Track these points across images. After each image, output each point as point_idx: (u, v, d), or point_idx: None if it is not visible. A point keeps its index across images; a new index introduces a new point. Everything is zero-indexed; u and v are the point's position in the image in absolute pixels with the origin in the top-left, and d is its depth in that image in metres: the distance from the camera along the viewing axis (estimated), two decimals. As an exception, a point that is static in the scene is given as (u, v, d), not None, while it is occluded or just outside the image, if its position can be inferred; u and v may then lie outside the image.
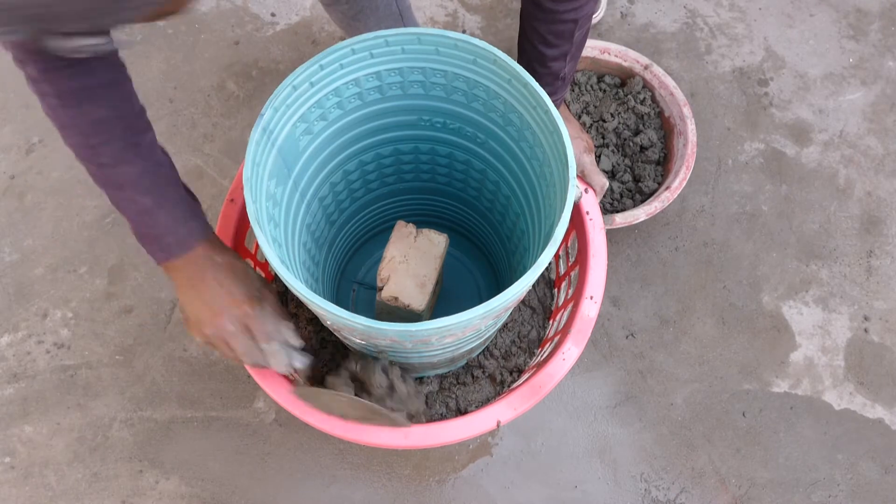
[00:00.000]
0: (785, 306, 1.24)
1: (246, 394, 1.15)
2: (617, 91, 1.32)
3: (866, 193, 1.33)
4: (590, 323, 0.81)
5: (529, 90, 0.70)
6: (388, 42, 0.72)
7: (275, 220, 0.73)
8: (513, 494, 1.10)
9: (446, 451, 1.12)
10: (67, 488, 1.09)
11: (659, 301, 1.23)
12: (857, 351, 1.21)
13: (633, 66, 1.29)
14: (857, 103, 1.42)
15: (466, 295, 1.12)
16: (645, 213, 1.14)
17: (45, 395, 1.15)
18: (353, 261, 1.13)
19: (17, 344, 1.18)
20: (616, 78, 1.33)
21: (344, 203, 0.96)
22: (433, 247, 0.88)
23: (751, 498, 1.11)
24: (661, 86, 1.27)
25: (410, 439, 0.74)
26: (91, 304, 1.20)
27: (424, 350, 0.75)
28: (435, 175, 0.98)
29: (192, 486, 1.09)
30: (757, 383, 1.18)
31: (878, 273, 1.27)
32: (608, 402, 1.16)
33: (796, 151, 1.37)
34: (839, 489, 1.12)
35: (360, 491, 1.09)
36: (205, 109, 1.37)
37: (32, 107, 1.36)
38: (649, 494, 1.11)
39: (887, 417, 1.17)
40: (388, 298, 0.84)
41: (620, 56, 1.29)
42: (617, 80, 1.33)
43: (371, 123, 0.84)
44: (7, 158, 1.32)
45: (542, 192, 0.77)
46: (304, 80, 0.70)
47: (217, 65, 1.41)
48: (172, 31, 1.45)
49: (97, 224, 1.27)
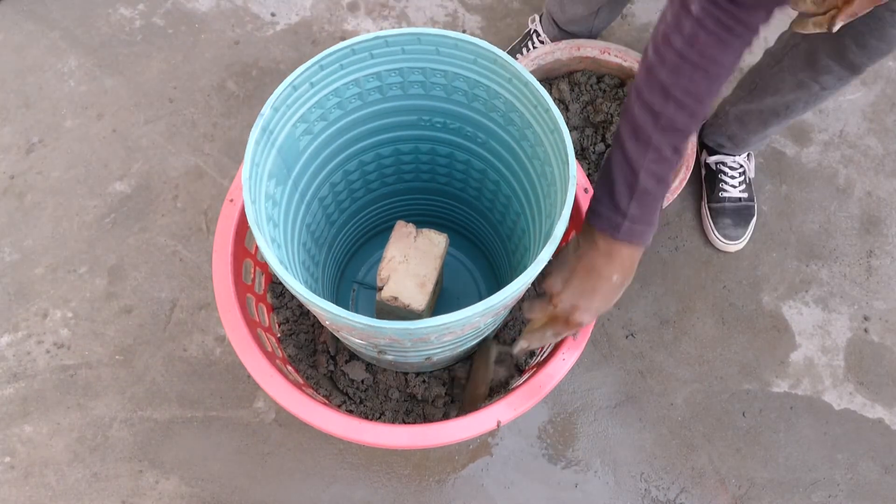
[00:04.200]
0: (785, 306, 1.24)
1: (246, 394, 1.15)
2: (617, 91, 1.32)
3: (866, 193, 1.33)
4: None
5: (530, 89, 0.70)
6: (388, 42, 0.72)
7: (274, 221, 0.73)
8: (513, 494, 1.10)
9: (446, 451, 1.12)
10: (67, 488, 1.09)
11: (659, 301, 1.23)
12: (857, 351, 1.21)
13: (633, 66, 1.28)
14: (857, 103, 1.41)
15: (466, 295, 1.12)
16: (645, 213, 1.14)
17: (45, 395, 1.15)
18: (353, 261, 1.13)
19: (17, 344, 1.18)
20: (616, 78, 1.33)
21: (344, 203, 0.96)
22: (433, 247, 0.88)
23: (751, 498, 1.11)
24: (661, 86, 1.27)
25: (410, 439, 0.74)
26: (91, 304, 1.20)
27: (424, 348, 0.75)
28: (435, 175, 0.98)
29: (192, 486, 1.09)
30: (757, 383, 1.18)
31: (878, 273, 1.27)
32: (608, 402, 1.16)
33: (796, 151, 1.37)
34: (839, 489, 1.12)
35: (360, 491, 1.09)
36: (205, 109, 1.37)
37: (32, 107, 1.36)
38: (649, 494, 1.11)
39: (887, 417, 1.17)
40: (387, 298, 0.84)
41: (620, 56, 1.29)
42: (617, 80, 1.33)
43: (371, 124, 0.84)
44: (7, 158, 1.32)
45: (543, 192, 0.77)
46: (304, 80, 0.70)
47: (217, 65, 1.41)
48: (172, 31, 1.45)
49: (97, 224, 1.27)
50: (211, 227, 1.26)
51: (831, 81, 0.94)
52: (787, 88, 1.00)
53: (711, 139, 1.26)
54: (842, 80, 0.94)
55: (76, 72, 1.40)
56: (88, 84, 1.39)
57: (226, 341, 1.18)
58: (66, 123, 1.35)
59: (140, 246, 1.25)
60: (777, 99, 1.04)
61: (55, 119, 1.35)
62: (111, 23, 1.45)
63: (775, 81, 1.02)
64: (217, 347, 1.17)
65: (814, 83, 0.96)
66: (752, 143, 1.21)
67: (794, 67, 0.97)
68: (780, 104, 1.04)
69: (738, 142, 1.21)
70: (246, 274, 0.89)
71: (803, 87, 0.98)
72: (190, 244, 1.25)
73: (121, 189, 1.29)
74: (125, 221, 1.27)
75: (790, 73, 0.98)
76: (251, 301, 0.89)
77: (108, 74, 1.40)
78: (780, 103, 1.04)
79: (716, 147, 1.26)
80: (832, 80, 0.94)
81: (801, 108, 1.03)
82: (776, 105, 1.05)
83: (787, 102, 1.03)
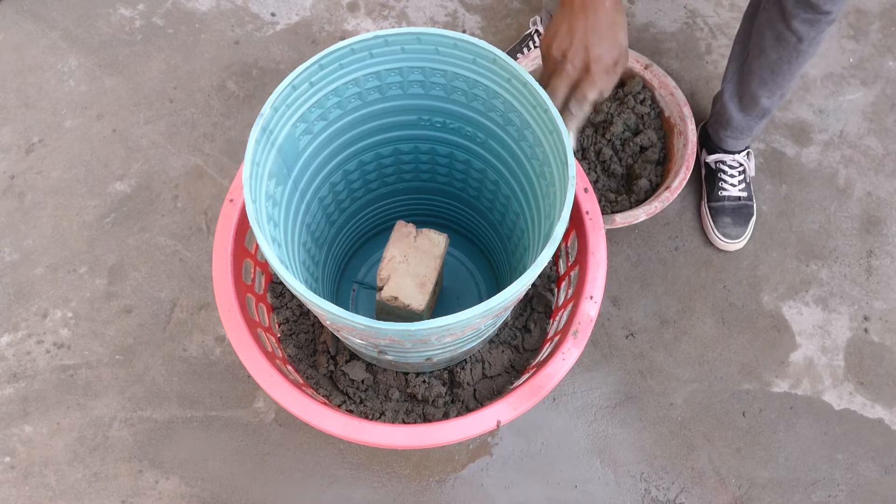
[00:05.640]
0: (785, 306, 1.24)
1: (246, 394, 1.15)
2: (617, 91, 1.32)
3: (866, 193, 1.33)
4: (590, 323, 0.81)
5: (529, 89, 0.70)
6: (388, 42, 0.72)
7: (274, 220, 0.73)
8: (513, 494, 1.10)
9: (446, 451, 1.12)
10: (67, 488, 1.09)
11: (659, 301, 1.23)
12: (857, 351, 1.21)
13: (633, 66, 1.29)
14: (857, 103, 1.42)
15: (466, 295, 1.12)
16: (645, 213, 1.14)
17: (45, 395, 1.15)
18: (353, 261, 1.13)
19: (17, 344, 1.18)
20: (616, 78, 1.33)
21: (344, 203, 0.96)
22: (433, 247, 0.88)
23: (751, 498, 1.11)
24: (661, 86, 1.27)
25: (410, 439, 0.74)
26: (91, 304, 1.20)
27: (424, 349, 0.75)
28: (435, 175, 0.98)
29: (192, 486, 1.09)
30: (757, 383, 1.18)
31: (878, 273, 1.27)
32: (608, 401, 1.16)
33: (796, 151, 1.37)
34: (839, 489, 1.12)
35: (360, 491, 1.09)
36: (205, 109, 1.37)
37: (32, 107, 1.36)
38: (649, 494, 1.11)
39: (887, 417, 1.17)
40: (387, 298, 0.84)
41: (620, 56, 1.29)
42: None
43: (371, 123, 0.84)
44: (7, 158, 1.32)
45: (542, 192, 0.77)
46: (304, 79, 0.70)
47: (217, 65, 1.42)
48: (172, 31, 1.45)
49: (97, 224, 1.27)
50: (211, 227, 1.26)
51: (804, 29, 0.98)
52: (769, 45, 1.04)
53: (712, 129, 1.27)
54: (814, 27, 0.97)
55: (76, 72, 1.40)
56: (88, 84, 1.39)
57: (226, 341, 1.18)
58: (66, 123, 1.35)
59: (140, 246, 1.25)
60: (762, 62, 1.07)
61: (55, 119, 1.35)
62: (111, 23, 1.46)
63: (757, 40, 1.06)
64: (217, 347, 1.18)
65: (790, 34, 0.99)
66: (748, 128, 1.21)
67: (769, 21, 1.01)
68: (766, 67, 1.07)
69: (734, 127, 1.21)
70: (246, 274, 0.89)
71: (782, 42, 1.01)
72: (190, 244, 1.25)
73: (121, 189, 1.29)
74: (125, 221, 1.27)
75: (768, 28, 1.02)
76: (251, 301, 0.89)
77: (108, 74, 1.40)
78: (766, 66, 1.07)
79: (716, 141, 1.26)
80: (803, 26, 0.97)
81: (787, 70, 1.06)
82: (762, 69, 1.08)
83: (772, 65, 1.06)
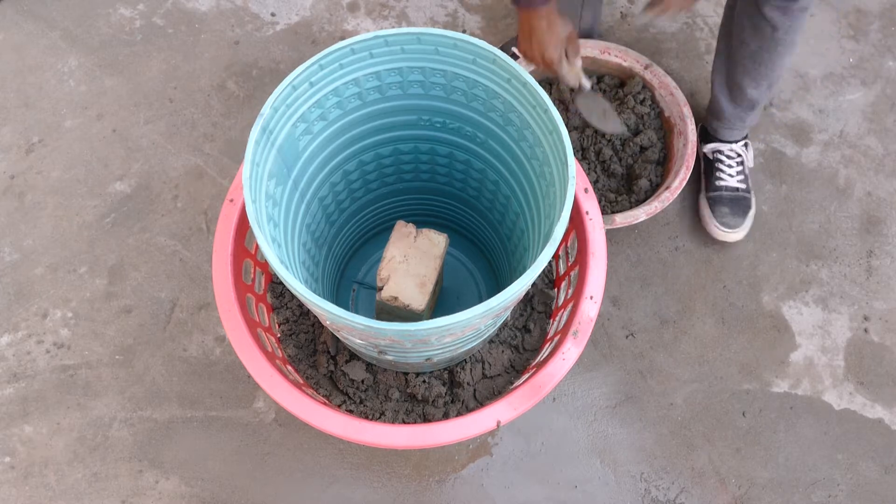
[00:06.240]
0: (785, 306, 1.24)
1: (246, 394, 1.15)
2: (617, 91, 1.32)
3: (866, 193, 1.33)
4: (590, 323, 0.81)
5: (529, 90, 0.70)
6: (388, 42, 0.72)
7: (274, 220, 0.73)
8: (513, 494, 1.10)
9: (446, 451, 1.12)
10: (67, 488, 1.09)
11: (659, 301, 1.23)
12: (857, 351, 1.21)
13: (633, 66, 1.29)
14: (857, 103, 1.41)
15: (466, 295, 1.12)
16: (645, 213, 1.14)
17: (45, 395, 1.15)
18: (353, 261, 1.13)
19: (17, 344, 1.18)
20: (616, 78, 1.33)
21: (344, 203, 0.96)
22: (433, 247, 0.88)
23: (751, 498, 1.11)
24: (661, 86, 1.27)
25: (410, 439, 0.74)
26: (91, 304, 1.20)
27: (424, 349, 0.75)
28: (435, 175, 0.98)
29: (192, 486, 1.09)
30: (757, 383, 1.18)
31: (878, 273, 1.27)
32: (608, 401, 1.16)
33: (796, 151, 1.37)
34: (839, 489, 1.12)
35: (360, 491, 1.09)
36: (205, 109, 1.37)
37: (32, 107, 1.36)
38: (649, 494, 1.11)
39: (887, 417, 1.17)
40: (387, 298, 0.85)
41: (620, 56, 1.29)
42: (617, 80, 1.33)
43: (371, 123, 0.84)
44: (7, 158, 1.32)
45: (542, 192, 0.77)
46: (304, 79, 0.70)
47: (217, 65, 1.42)
48: (172, 31, 1.45)
49: (97, 224, 1.27)
50: (211, 227, 1.26)
51: (776, 16, 1.03)
52: (748, 35, 1.09)
53: (707, 121, 1.29)
54: (786, 14, 1.02)
55: (76, 72, 1.40)
56: (88, 84, 1.39)
57: (226, 341, 1.18)
58: (66, 123, 1.35)
59: (140, 246, 1.25)
60: (743, 52, 1.11)
61: (55, 119, 1.35)
62: (111, 23, 1.46)
63: (738, 30, 1.10)
64: (217, 347, 1.18)
65: (764, 22, 1.04)
66: (739, 119, 1.23)
67: (745, 9, 1.06)
68: (748, 57, 1.11)
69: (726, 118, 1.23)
70: (246, 274, 0.89)
71: (759, 31, 1.06)
72: (190, 244, 1.25)
73: (121, 189, 1.29)
74: (125, 221, 1.27)
75: (745, 17, 1.07)
76: (251, 301, 0.89)
77: (108, 74, 1.40)
78: (747, 56, 1.11)
79: (711, 132, 1.28)
80: (775, 13, 1.02)
81: (768, 59, 1.10)
82: (745, 59, 1.12)
83: (753, 54, 1.11)
